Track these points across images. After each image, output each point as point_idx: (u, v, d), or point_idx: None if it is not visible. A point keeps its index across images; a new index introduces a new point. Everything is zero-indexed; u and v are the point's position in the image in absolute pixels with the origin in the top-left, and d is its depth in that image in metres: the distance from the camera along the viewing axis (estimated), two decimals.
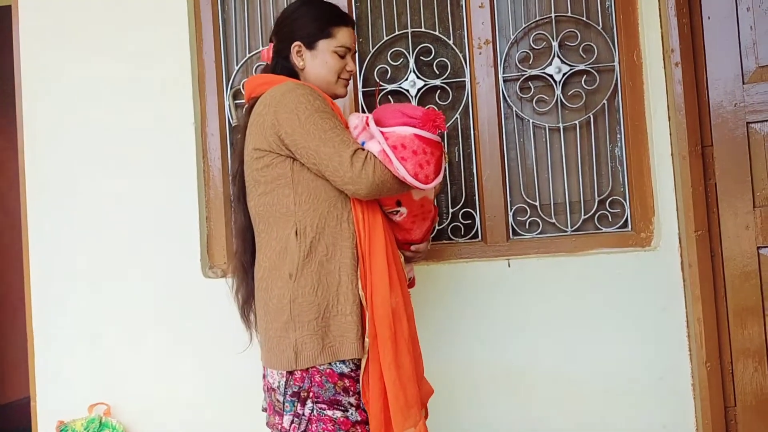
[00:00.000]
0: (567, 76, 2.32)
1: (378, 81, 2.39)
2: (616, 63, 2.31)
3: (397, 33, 2.41)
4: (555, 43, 2.32)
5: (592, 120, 2.34)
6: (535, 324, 2.24)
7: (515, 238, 2.33)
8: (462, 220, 2.37)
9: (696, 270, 2.03)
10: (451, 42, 2.38)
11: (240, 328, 1.79)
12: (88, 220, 2.41)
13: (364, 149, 1.56)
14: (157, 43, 2.40)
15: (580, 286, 2.23)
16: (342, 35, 1.72)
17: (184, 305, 2.36)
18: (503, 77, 2.35)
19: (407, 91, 2.38)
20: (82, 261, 2.40)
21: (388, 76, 2.39)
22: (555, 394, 2.23)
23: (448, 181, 2.37)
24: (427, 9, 2.42)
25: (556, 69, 2.31)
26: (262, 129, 1.60)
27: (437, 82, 2.37)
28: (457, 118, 2.37)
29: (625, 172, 2.31)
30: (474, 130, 2.36)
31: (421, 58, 2.39)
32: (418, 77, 2.37)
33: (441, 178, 1.61)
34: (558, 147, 2.35)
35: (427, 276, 2.26)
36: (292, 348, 1.55)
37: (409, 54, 2.38)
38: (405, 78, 2.38)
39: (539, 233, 2.33)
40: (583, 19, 2.34)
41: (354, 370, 1.58)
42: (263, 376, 1.68)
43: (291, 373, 1.57)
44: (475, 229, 2.35)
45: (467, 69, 2.36)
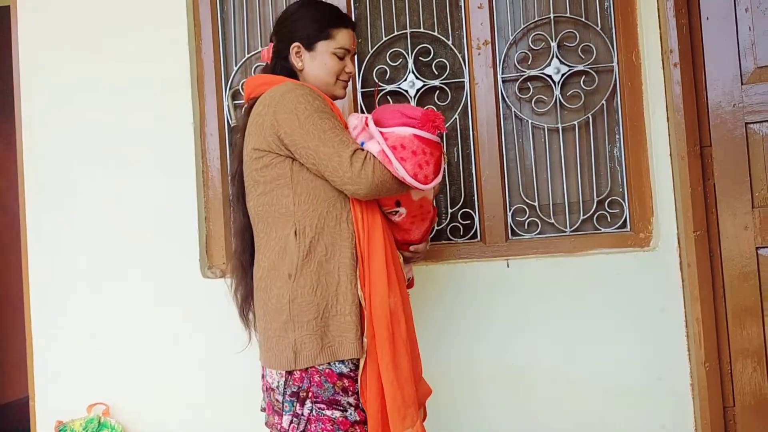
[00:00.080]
0: (566, 76, 2.32)
1: (377, 81, 2.40)
2: (615, 63, 2.31)
3: (396, 33, 2.41)
4: (554, 44, 2.32)
5: (591, 120, 2.35)
6: (534, 324, 2.24)
7: (514, 238, 2.33)
8: (461, 221, 2.37)
9: (695, 270, 2.03)
10: (450, 42, 2.38)
11: (239, 328, 1.79)
12: (87, 220, 2.41)
13: (363, 149, 1.56)
14: (156, 43, 2.40)
15: (579, 287, 2.24)
16: (341, 37, 1.72)
17: (183, 305, 2.36)
18: (502, 78, 2.35)
19: (406, 91, 2.38)
20: (82, 261, 2.40)
21: (387, 77, 2.39)
22: (554, 394, 2.23)
23: (447, 182, 2.38)
24: (426, 10, 2.42)
25: (554, 69, 2.32)
26: (261, 129, 1.60)
27: (436, 83, 2.37)
28: (456, 119, 2.37)
29: (624, 172, 2.31)
30: (473, 131, 2.36)
31: (420, 58, 2.40)
32: (417, 78, 2.37)
33: (440, 178, 1.61)
34: (557, 147, 2.36)
35: (426, 276, 2.26)
36: (291, 348, 1.55)
37: (408, 54, 2.39)
38: (404, 78, 2.38)
39: (538, 233, 2.33)
40: (582, 19, 2.34)
41: (353, 370, 1.58)
42: (262, 376, 1.68)
43: (290, 373, 1.57)
44: (474, 229, 2.36)
45: (466, 69, 2.36)
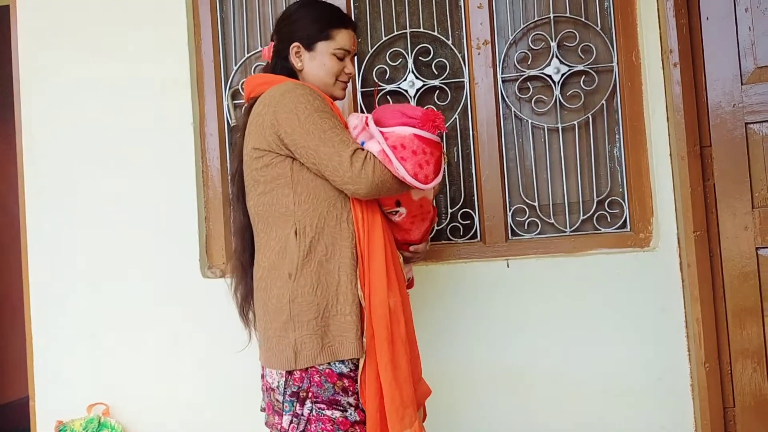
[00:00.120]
0: (566, 76, 2.32)
1: (377, 81, 2.40)
2: (615, 63, 2.31)
3: (395, 33, 2.41)
4: (554, 44, 2.32)
5: (591, 120, 2.34)
6: (534, 324, 2.24)
7: (514, 238, 2.33)
8: (461, 221, 2.37)
9: (695, 270, 2.03)
10: (449, 42, 2.38)
11: (239, 327, 1.79)
12: (87, 220, 2.41)
13: (363, 149, 1.56)
14: (156, 43, 2.40)
15: (579, 287, 2.24)
16: (341, 37, 1.71)
17: (183, 305, 2.36)
18: (502, 78, 2.35)
19: (406, 91, 2.38)
20: (82, 261, 2.40)
21: (387, 77, 2.39)
22: (554, 395, 2.23)
23: (447, 182, 2.38)
24: (425, 9, 2.42)
25: (554, 69, 2.32)
26: (261, 129, 1.60)
27: (436, 83, 2.37)
28: (455, 119, 2.37)
29: (624, 172, 2.31)
30: (473, 131, 2.36)
31: (419, 58, 2.40)
32: (417, 77, 2.37)
33: (440, 178, 1.61)
34: (557, 147, 2.36)
35: (426, 276, 2.26)
36: (292, 348, 1.55)
37: (407, 54, 2.39)
38: (404, 78, 2.38)
39: (538, 234, 2.33)
40: (582, 19, 2.34)
41: (353, 370, 1.58)
42: (262, 376, 1.68)
43: (290, 372, 1.57)
44: (474, 229, 2.36)
45: (466, 69, 2.36)
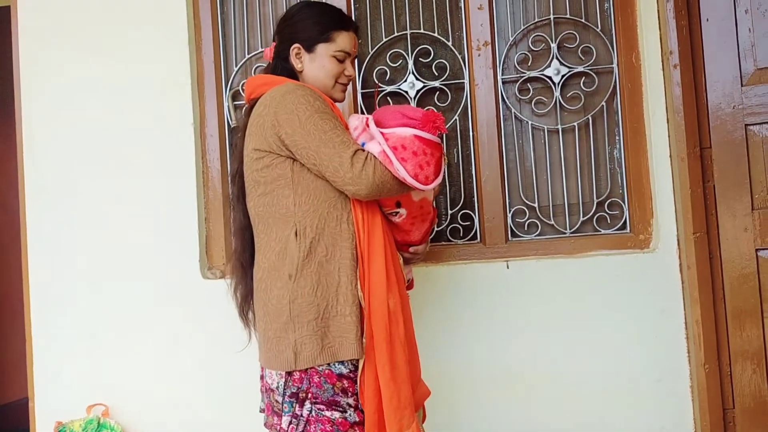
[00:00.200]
0: (566, 77, 2.32)
1: (377, 82, 2.40)
2: (615, 65, 2.31)
3: (396, 34, 2.41)
4: (554, 45, 2.32)
5: (591, 122, 2.35)
6: (534, 325, 2.24)
7: (514, 239, 2.33)
8: (461, 222, 2.37)
9: (694, 272, 2.03)
10: (450, 43, 2.38)
11: (239, 327, 1.79)
12: (87, 220, 2.40)
13: (364, 150, 1.56)
14: (156, 43, 2.40)
15: (579, 288, 2.24)
16: (342, 40, 1.71)
17: (183, 306, 2.36)
18: (502, 79, 2.35)
19: (406, 92, 2.38)
20: (82, 261, 2.40)
21: (387, 78, 2.39)
22: (554, 395, 2.23)
23: (447, 183, 2.38)
24: (426, 10, 2.42)
25: (554, 71, 2.32)
26: (262, 129, 1.60)
27: (436, 84, 2.37)
28: (456, 120, 2.37)
29: (624, 174, 2.31)
30: (473, 132, 2.36)
31: (420, 59, 2.40)
32: (417, 79, 2.37)
33: (441, 179, 1.61)
34: (557, 149, 2.36)
35: (426, 277, 2.26)
36: (292, 348, 1.55)
37: (408, 55, 2.39)
38: (404, 79, 2.38)
39: (538, 235, 2.33)
40: (582, 20, 2.34)
41: (353, 371, 1.57)
42: (261, 377, 1.68)
43: (290, 373, 1.57)
44: (473, 230, 2.36)
45: (466, 70, 2.36)
